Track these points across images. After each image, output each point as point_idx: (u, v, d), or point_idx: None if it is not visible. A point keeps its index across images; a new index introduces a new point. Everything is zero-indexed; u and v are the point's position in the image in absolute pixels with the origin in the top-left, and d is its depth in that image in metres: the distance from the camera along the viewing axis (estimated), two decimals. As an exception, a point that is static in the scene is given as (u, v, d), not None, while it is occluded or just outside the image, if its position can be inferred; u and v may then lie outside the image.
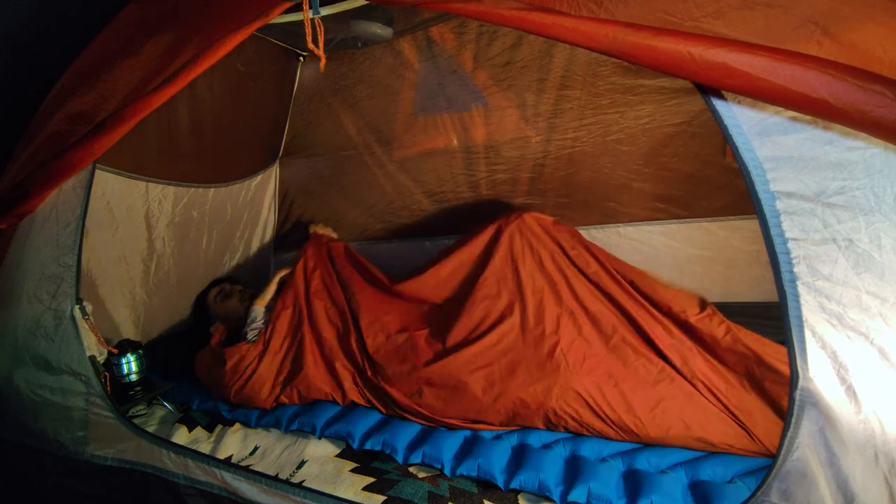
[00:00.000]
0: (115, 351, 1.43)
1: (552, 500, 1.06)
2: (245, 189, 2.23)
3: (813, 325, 0.79)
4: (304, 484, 1.15)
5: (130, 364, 1.45)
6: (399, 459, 1.20)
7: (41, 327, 1.31)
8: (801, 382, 0.79)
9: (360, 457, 1.26)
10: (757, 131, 0.80)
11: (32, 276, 1.32)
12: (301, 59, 2.16)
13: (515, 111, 1.88)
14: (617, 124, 1.76)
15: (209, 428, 1.41)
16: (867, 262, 0.76)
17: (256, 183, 2.28)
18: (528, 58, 1.77)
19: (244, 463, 1.25)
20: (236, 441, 1.35)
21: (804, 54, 0.71)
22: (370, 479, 1.16)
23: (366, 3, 1.18)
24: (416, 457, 1.20)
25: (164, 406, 1.52)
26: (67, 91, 1.28)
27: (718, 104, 0.82)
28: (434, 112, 1.99)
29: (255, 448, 1.32)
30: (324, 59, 1.12)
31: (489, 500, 1.09)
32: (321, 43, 1.08)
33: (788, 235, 0.80)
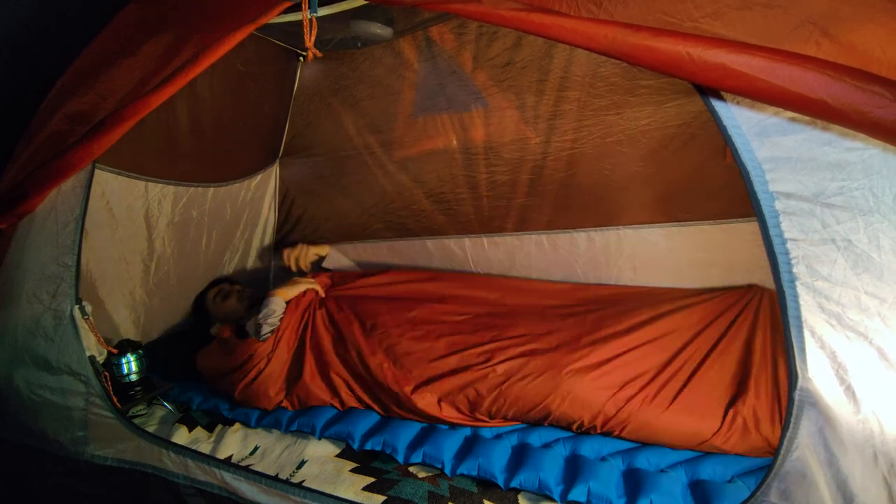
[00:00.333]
0: (115, 351, 1.43)
1: (552, 500, 1.06)
2: (245, 189, 2.23)
3: (812, 326, 0.79)
4: (304, 484, 1.15)
5: (130, 364, 1.45)
6: (399, 459, 1.20)
7: (41, 327, 1.31)
8: (801, 383, 0.79)
9: (360, 457, 1.26)
10: (756, 132, 0.81)
11: (32, 275, 1.32)
12: (301, 58, 2.15)
13: (515, 112, 1.87)
14: (617, 126, 1.75)
15: (209, 428, 1.41)
16: (866, 262, 0.77)
17: (256, 182, 2.28)
18: (527, 59, 1.77)
19: (244, 463, 1.25)
20: (236, 441, 1.35)
21: (803, 55, 0.71)
22: (370, 479, 1.16)
23: (365, 2, 1.18)
24: (417, 456, 1.20)
25: (164, 406, 1.52)
26: (67, 91, 1.28)
27: (717, 105, 0.82)
28: (434, 112, 1.99)
29: (255, 448, 1.32)
30: (318, 54, 1.12)
31: (489, 500, 1.09)
32: (311, 39, 1.08)
33: (787, 236, 0.80)
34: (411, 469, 1.20)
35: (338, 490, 1.13)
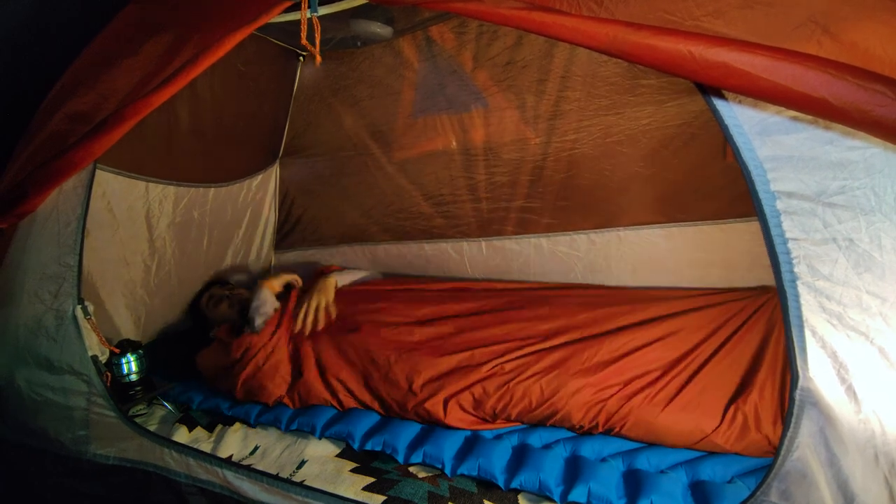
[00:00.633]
0: (117, 350, 1.43)
1: (552, 500, 1.06)
2: (245, 189, 2.23)
3: (813, 325, 0.79)
4: (305, 484, 1.15)
5: (130, 364, 1.46)
6: (400, 459, 1.20)
7: (43, 327, 1.31)
8: (801, 382, 0.79)
9: (360, 457, 1.26)
10: (758, 131, 0.80)
11: (33, 275, 1.32)
12: (301, 58, 2.16)
13: (515, 112, 1.87)
14: (617, 126, 1.75)
15: (209, 428, 1.41)
16: (867, 261, 0.76)
17: (257, 183, 2.28)
18: (528, 58, 1.77)
19: (244, 463, 1.25)
20: (237, 441, 1.35)
21: (805, 53, 0.71)
22: (370, 479, 1.16)
23: (365, 2, 1.18)
24: (417, 457, 1.20)
25: (164, 406, 1.52)
26: (67, 91, 1.28)
27: (719, 104, 0.82)
28: (434, 112, 1.99)
29: (256, 448, 1.32)
30: (319, 57, 1.12)
31: (489, 500, 1.09)
32: (317, 41, 1.08)
33: (789, 235, 0.79)
34: (411, 469, 1.20)
35: (338, 490, 1.13)
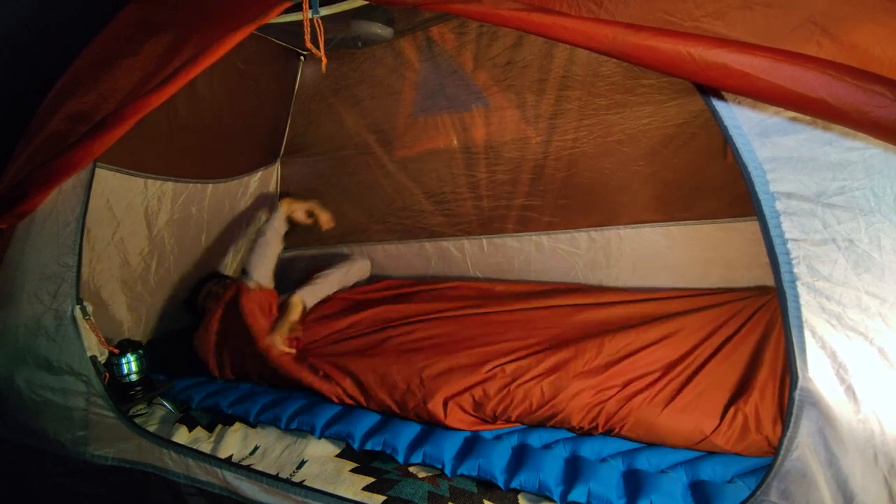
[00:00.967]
0: (116, 351, 1.43)
1: (552, 500, 1.06)
2: (244, 186, 2.23)
3: (813, 326, 0.79)
4: (305, 484, 1.15)
5: (130, 364, 1.45)
6: (400, 459, 1.20)
7: (42, 327, 1.31)
8: (801, 382, 0.79)
9: (360, 457, 1.26)
10: (757, 132, 0.80)
11: (33, 276, 1.32)
12: (302, 58, 2.16)
13: (516, 112, 1.87)
14: (617, 125, 1.75)
15: (209, 427, 1.41)
16: (867, 262, 0.77)
17: (257, 181, 2.28)
18: (528, 58, 1.77)
19: (244, 463, 1.25)
20: (236, 441, 1.35)
21: (804, 55, 0.71)
22: (370, 479, 1.16)
23: (366, 2, 1.18)
24: (417, 457, 1.20)
25: (164, 406, 1.52)
26: (67, 91, 1.28)
27: (718, 105, 0.82)
28: (434, 112, 1.99)
29: (256, 448, 1.32)
30: (325, 59, 1.12)
31: (489, 500, 1.09)
32: (321, 43, 1.08)
33: (788, 236, 0.80)
34: (411, 469, 1.20)
35: (338, 490, 1.13)
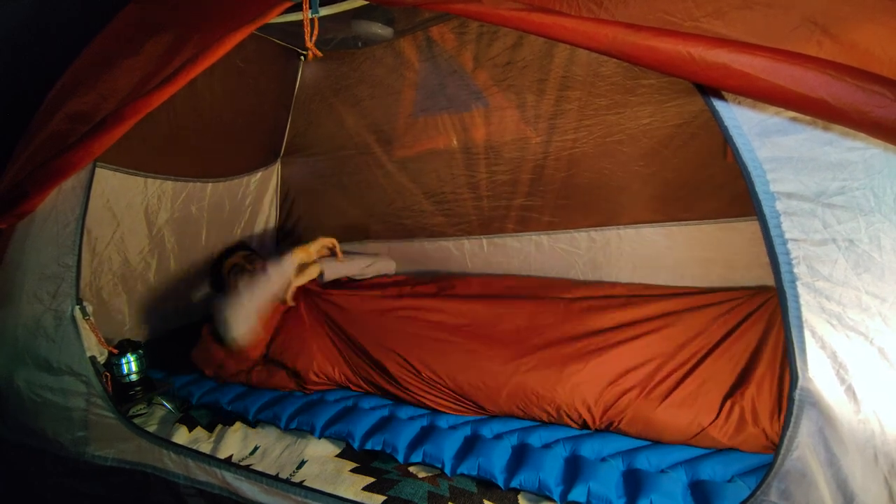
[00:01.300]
0: (116, 351, 1.43)
1: (552, 500, 1.06)
2: (244, 185, 2.23)
3: (813, 326, 0.79)
4: (305, 484, 1.15)
5: (130, 364, 1.45)
6: (400, 459, 1.20)
7: (41, 328, 1.31)
8: (801, 382, 0.79)
9: (360, 457, 1.26)
10: (757, 132, 0.80)
11: (32, 276, 1.32)
12: (302, 58, 2.16)
13: (516, 112, 1.87)
14: (617, 125, 1.75)
15: (209, 428, 1.41)
16: (867, 262, 0.77)
17: (256, 179, 2.29)
18: (528, 58, 1.77)
19: (244, 463, 1.25)
20: (236, 441, 1.35)
21: (804, 54, 0.71)
22: (370, 479, 1.16)
23: (366, 2, 1.18)
24: (417, 456, 1.20)
25: (164, 406, 1.52)
26: (67, 91, 1.28)
27: (718, 105, 0.82)
28: (434, 112, 1.99)
29: (256, 448, 1.32)
30: (318, 53, 1.12)
31: (489, 500, 1.09)
32: (311, 42, 1.08)
33: (788, 236, 0.80)
34: (411, 469, 1.20)
35: (338, 490, 1.13)
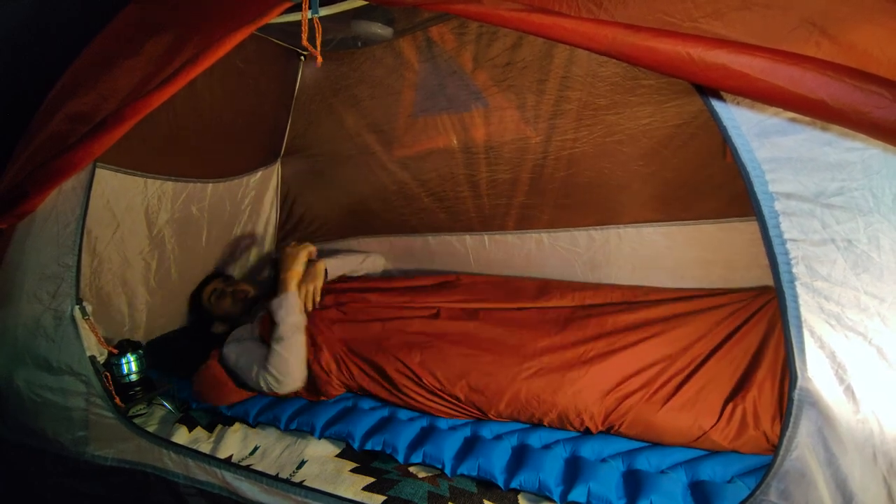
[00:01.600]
0: (115, 351, 1.43)
1: (552, 500, 1.06)
2: (244, 186, 2.23)
3: (812, 326, 0.79)
4: (305, 484, 1.15)
5: (130, 364, 1.45)
6: (400, 459, 1.21)
7: (41, 327, 1.31)
8: (800, 382, 0.79)
9: (360, 457, 1.26)
10: (756, 132, 0.81)
11: (32, 276, 1.32)
12: (302, 58, 2.16)
13: (515, 112, 1.87)
14: (617, 125, 1.75)
15: (209, 428, 1.41)
16: (866, 262, 0.77)
17: (257, 180, 2.28)
18: (528, 58, 1.77)
19: (244, 463, 1.26)
20: (236, 441, 1.35)
21: (802, 55, 0.72)
22: (370, 479, 1.16)
23: (366, 3, 1.18)
24: (417, 456, 1.20)
25: (164, 406, 1.52)
26: (67, 91, 1.28)
27: (717, 105, 0.82)
28: (434, 112, 1.99)
29: (256, 448, 1.32)
30: (320, 58, 1.12)
31: (489, 500, 1.09)
32: (318, 43, 1.08)
33: (787, 236, 0.80)
34: (411, 469, 1.20)
35: (338, 490, 1.13)
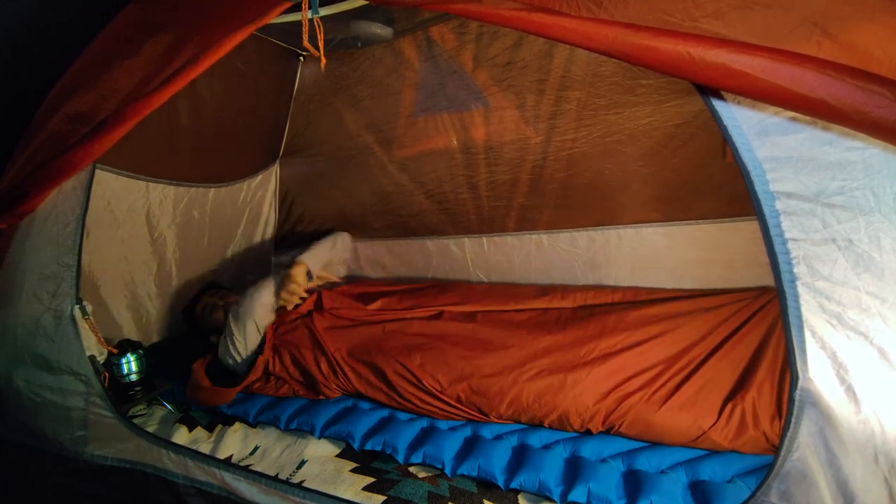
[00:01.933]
0: (115, 351, 1.43)
1: (552, 500, 1.06)
2: (245, 189, 2.24)
3: (813, 326, 0.79)
4: (304, 484, 1.15)
5: (130, 364, 1.45)
6: (400, 459, 1.20)
7: (41, 327, 1.31)
8: (801, 383, 0.79)
9: (360, 457, 1.26)
10: (756, 131, 0.80)
11: (32, 275, 1.32)
12: (301, 58, 2.16)
13: (515, 112, 1.87)
14: (617, 125, 1.75)
15: (209, 428, 1.41)
16: (867, 262, 0.76)
17: (256, 183, 2.29)
18: (528, 58, 1.77)
19: (244, 463, 1.25)
20: (236, 441, 1.35)
21: (803, 55, 0.71)
22: (370, 479, 1.16)
23: (366, 3, 1.18)
24: (417, 457, 1.20)
25: (164, 406, 1.52)
26: (67, 91, 1.28)
27: (718, 105, 0.82)
28: (434, 112, 1.99)
29: (256, 448, 1.32)
30: (324, 59, 1.12)
31: (489, 500, 1.09)
32: (321, 43, 1.08)
33: (788, 236, 0.80)
34: (411, 469, 1.20)
35: (338, 490, 1.13)
